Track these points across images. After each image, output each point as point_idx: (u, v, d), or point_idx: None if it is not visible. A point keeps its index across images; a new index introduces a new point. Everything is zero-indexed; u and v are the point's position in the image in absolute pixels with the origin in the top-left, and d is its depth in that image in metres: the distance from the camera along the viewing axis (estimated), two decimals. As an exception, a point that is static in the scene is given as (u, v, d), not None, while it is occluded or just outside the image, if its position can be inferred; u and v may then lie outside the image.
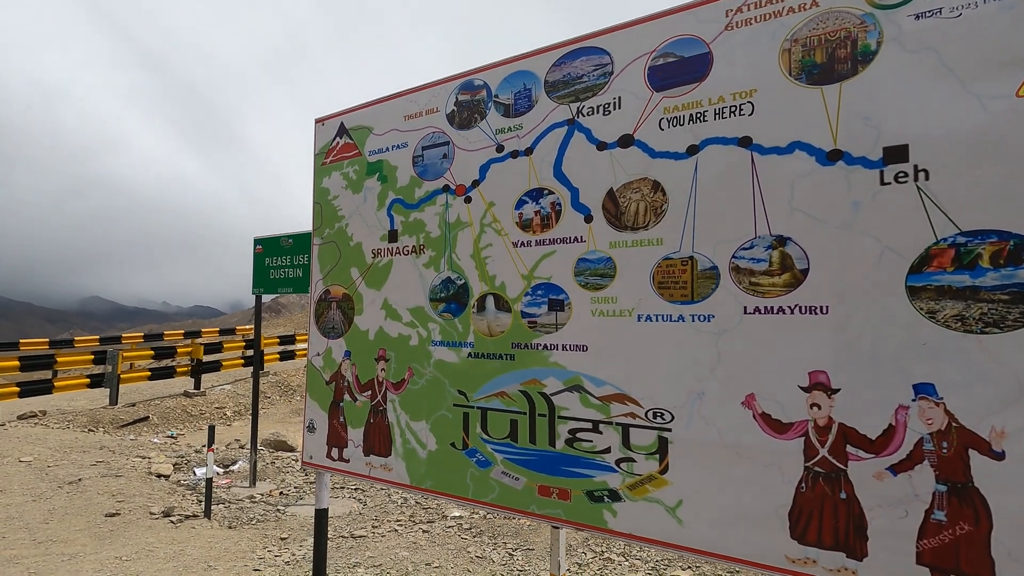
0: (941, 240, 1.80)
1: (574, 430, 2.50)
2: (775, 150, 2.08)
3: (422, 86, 3.14)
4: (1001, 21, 1.74)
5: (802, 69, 2.05)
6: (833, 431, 1.96)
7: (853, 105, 1.95)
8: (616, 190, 2.43)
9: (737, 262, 2.14)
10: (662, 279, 2.30)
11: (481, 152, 2.86)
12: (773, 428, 2.06)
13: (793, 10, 2.07)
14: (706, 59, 2.24)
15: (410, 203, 3.12)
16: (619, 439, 2.38)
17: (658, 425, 2.29)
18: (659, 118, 2.34)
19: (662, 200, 2.31)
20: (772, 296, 2.07)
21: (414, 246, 3.09)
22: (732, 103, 2.17)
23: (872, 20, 1.93)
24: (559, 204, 2.58)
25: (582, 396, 2.48)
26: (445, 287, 2.95)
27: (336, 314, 3.45)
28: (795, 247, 2.04)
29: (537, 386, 2.61)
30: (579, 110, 2.55)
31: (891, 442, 1.86)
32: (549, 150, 2.62)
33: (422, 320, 3.03)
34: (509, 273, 2.72)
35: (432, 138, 3.05)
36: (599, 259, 2.46)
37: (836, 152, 1.97)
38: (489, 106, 2.85)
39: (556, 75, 2.63)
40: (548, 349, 2.58)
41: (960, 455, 1.77)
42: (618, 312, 2.40)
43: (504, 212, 2.75)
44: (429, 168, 3.05)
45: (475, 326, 2.83)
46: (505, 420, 2.70)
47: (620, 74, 2.45)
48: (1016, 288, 1.70)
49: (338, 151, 3.51)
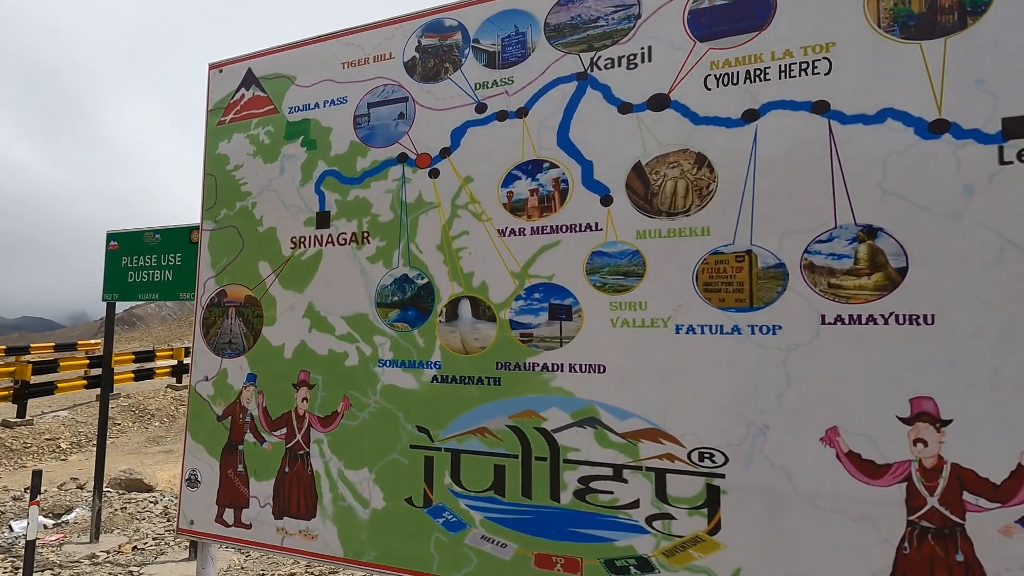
0: (1078, 233, 1.46)
1: (587, 478, 1.89)
2: (860, 118, 1.66)
3: (367, 25, 2.40)
4: None
5: (894, 20, 1.65)
6: (945, 474, 1.54)
7: (962, 66, 1.57)
8: (646, 164, 1.88)
9: (811, 259, 1.68)
10: (709, 279, 1.78)
11: (453, 112, 2.18)
12: (864, 471, 1.60)
13: (881, -53, 1.68)
14: (767, 3, 1.78)
15: (350, 177, 2.35)
16: (652, 489, 1.81)
17: (706, 470, 1.75)
18: (704, 74, 1.83)
19: (709, 178, 1.80)
20: (859, 302, 1.63)
21: (355, 234, 2.32)
22: (803, 58, 1.73)
23: (983, -36, 1.58)
24: (565, 181, 1.98)
25: (599, 433, 1.88)
26: (400, 288, 2.22)
27: (235, 323, 2.55)
28: (889, 240, 1.61)
29: (534, 419, 1.97)
30: (593, 61, 1.98)
31: (1021, 487, 1.48)
32: (551, 112, 2.02)
33: (365, 332, 2.26)
34: (493, 270, 2.07)
35: (383, 92, 2.32)
36: (622, 252, 1.89)
37: (941, 123, 1.58)
38: (466, 53, 2.19)
39: (561, 16, 2.05)
40: (549, 370, 1.96)
41: (1109, 501, 1.42)
42: (649, 322, 1.84)
43: (487, 190, 2.10)
44: (378, 131, 2.31)
45: (443, 340, 2.13)
46: (487, 466, 2.02)
47: (650, 18, 1.92)
48: None
49: (243, 106, 2.63)
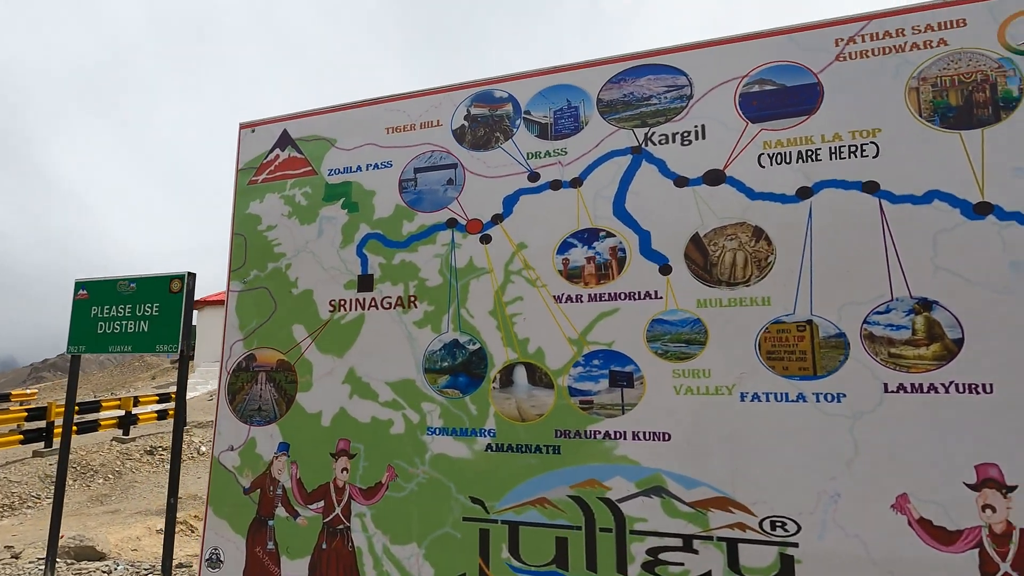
0: (1118, 309, 1.59)
1: (655, 549, 1.86)
2: (909, 199, 1.78)
3: (412, 93, 2.44)
4: None
5: (934, 111, 1.80)
6: (1015, 539, 1.60)
7: (999, 154, 1.73)
8: (704, 236, 1.96)
9: (871, 329, 1.76)
10: (772, 347, 1.84)
11: (505, 180, 2.22)
12: (937, 538, 1.65)
13: (917, 46, 1.85)
14: (814, 90, 1.92)
15: (395, 240, 2.34)
16: (724, 560, 1.80)
17: (779, 539, 1.76)
18: (758, 153, 1.94)
19: (767, 250, 1.89)
20: (919, 371, 1.71)
21: (400, 298, 2.29)
22: (851, 142, 1.86)
23: (1011, 65, 1.76)
24: (623, 250, 2.04)
25: (666, 502, 1.87)
26: (450, 353, 2.19)
27: (266, 389, 2.44)
28: (944, 312, 1.71)
29: (597, 489, 1.94)
30: (648, 137, 2.07)
31: (1089, 551, 1.55)
32: (607, 182, 2.09)
33: (412, 398, 2.21)
34: (550, 336, 2.07)
35: (431, 158, 2.35)
36: (683, 320, 1.94)
37: (984, 205, 1.72)
38: (517, 124, 2.25)
39: (614, 93, 2.14)
40: (612, 438, 1.95)
41: None
42: (713, 389, 1.88)
43: (541, 257, 2.13)
44: (426, 196, 2.33)
45: (498, 407, 2.10)
46: (548, 538, 1.97)
47: (702, 98, 2.03)
48: None
49: (278, 166, 2.60)
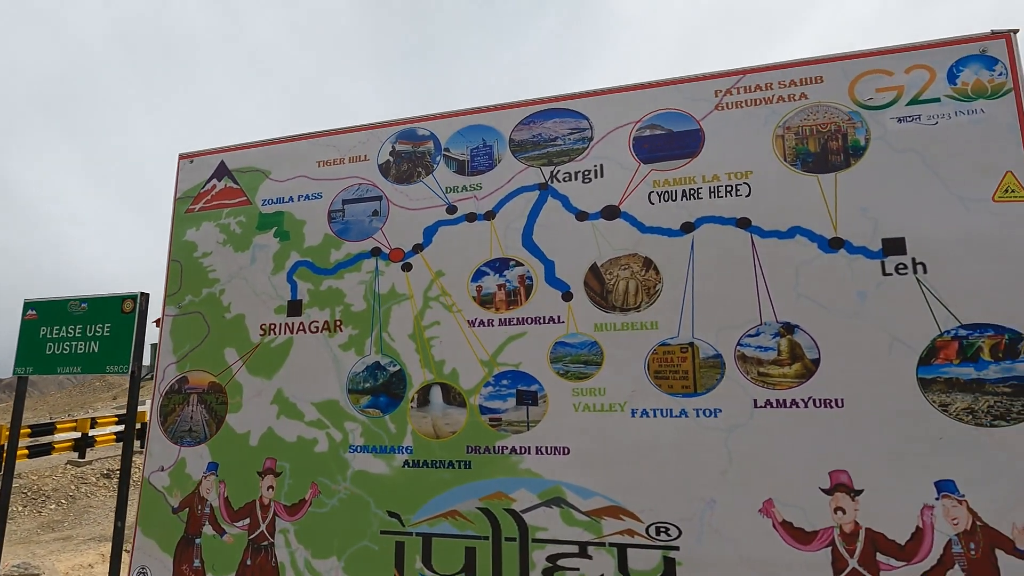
0: (945, 332, 1.82)
1: (555, 556, 2.01)
2: (776, 234, 2.00)
3: (342, 129, 2.60)
4: (971, 131, 1.90)
5: (797, 156, 2.04)
6: (861, 538, 1.80)
7: (850, 196, 1.96)
8: (601, 265, 2.15)
9: (743, 350, 1.97)
10: (659, 367, 2.03)
11: (426, 212, 2.39)
12: (797, 538, 1.84)
13: (783, 99, 2.09)
14: (697, 135, 2.14)
15: (323, 268, 2.47)
16: (615, 565, 1.95)
17: (663, 543, 1.93)
18: (648, 191, 2.15)
19: (655, 279, 2.08)
20: (784, 388, 1.92)
21: (327, 322, 2.42)
22: (728, 182, 2.08)
23: (858, 118, 2.01)
24: (530, 278, 2.21)
25: (564, 512, 2.02)
26: (372, 375, 2.32)
27: (197, 411, 2.53)
28: (804, 335, 1.93)
29: (503, 501, 2.09)
30: (554, 174, 2.26)
31: (921, 547, 1.75)
32: (517, 216, 2.27)
33: (335, 418, 2.33)
34: (463, 358, 2.22)
35: (358, 191, 2.50)
36: (582, 343, 2.11)
37: (837, 240, 1.95)
38: (437, 160, 2.43)
39: (524, 134, 2.34)
40: (518, 453, 2.10)
41: (988, 556, 1.71)
42: (608, 406, 2.05)
43: (457, 284, 2.29)
44: (353, 226, 2.47)
45: (415, 425, 2.23)
46: (458, 548, 2.10)
47: (601, 140, 2.24)
48: (1016, 381, 1.76)
49: (214, 196, 2.72)
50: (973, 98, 1.91)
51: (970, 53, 1.94)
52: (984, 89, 1.91)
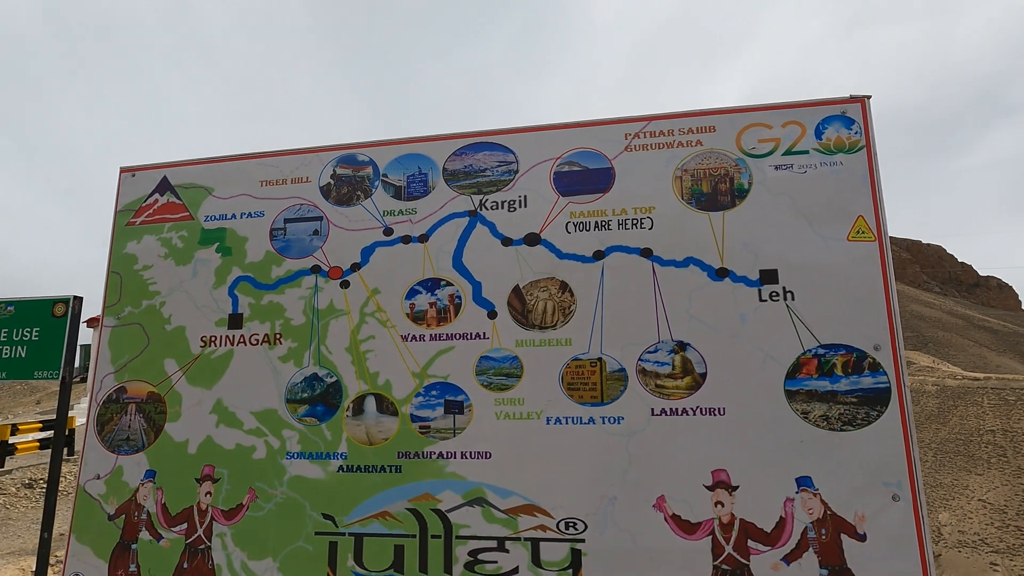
0: (807, 351, 2.15)
1: (476, 551, 2.22)
2: (673, 263, 2.29)
3: (285, 151, 2.74)
4: (832, 180, 2.25)
5: (692, 195, 2.34)
6: (736, 527, 2.10)
7: (735, 232, 2.27)
8: (523, 287, 2.38)
9: (643, 365, 2.24)
10: (571, 380, 2.28)
11: (364, 233, 2.56)
12: (683, 529, 2.12)
13: (682, 144, 2.38)
14: (609, 173, 2.41)
15: (264, 283, 2.60)
16: (528, 557, 2.18)
17: (571, 536, 2.17)
18: (566, 222, 2.40)
19: (570, 300, 2.34)
20: (676, 398, 2.20)
21: (267, 335, 2.55)
22: (634, 216, 2.36)
23: (743, 164, 2.32)
24: (459, 297, 2.42)
25: (485, 510, 2.24)
26: (309, 385, 2.47)
27: (135, 420, 2.60)
28: (695, 352, 2.22)
29: (430, 502, 2.28)
30: (482, 203, 2.48)
31: (783, 533, 2.06)
32: (448, 239, 2.48)
33: (274, 426, 2.46)
34: (396, 370, 2.41)
35: (299, 210, 2.64)
36: (504, 357, 2.34)
37: (724, 270, 2.25)
38: (376, 185, 2.60)
39: (456, 164, 2.55)
40: (444, 458, 2.31)
41: (835, 540, 2.04)
42: (525, 415, 2.28)
43: (392, 301, 2.47)
44: (293, 244, 2.61)
45: (349, 433, 2.40)
46: (387, 546, 2.28)
47: (525, 173, 2.48)
48: (861, 392, 2.10)
49: (156, 210, 2.79)
50: (834, 152, 2.26)
51: (833, 113, 2.29)
52: (843, 145, 2.26)
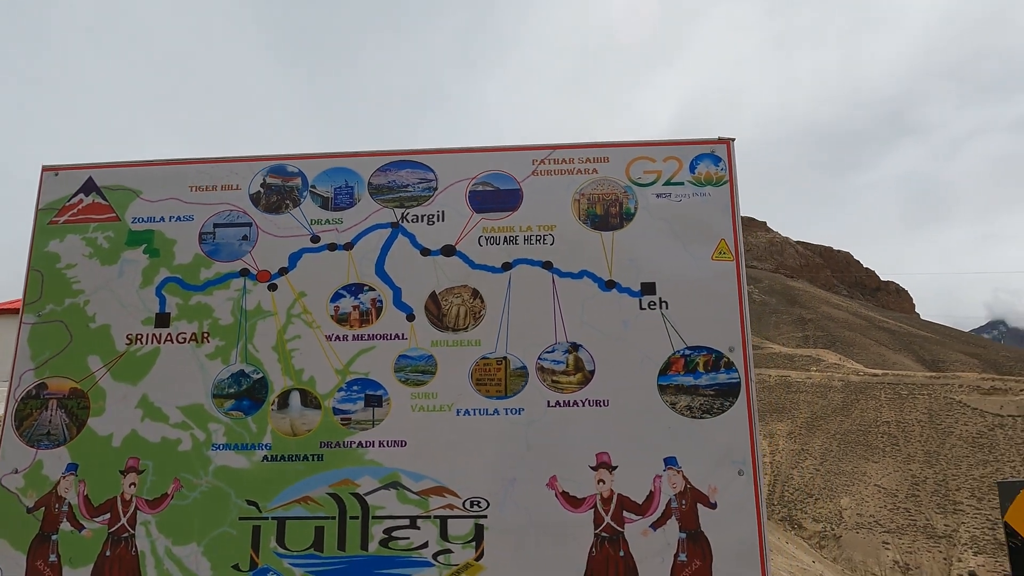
0: (676, 352, 2.56)
1: (390, 528, 2.48)
2: (570, 275, 2.65)
3: (215, 159, 2.87)
4: (702, 209, 2.68)
5: (588, 216, 2.70)
6: (614, 501, 2.47)
7: (622, 249, 2.65)
8: (439, 293, 2.66)
9: (542, 363, 2.58)
10: (480, 376, 2.58)
11: (292, 240, 2.75)
12: (571, 503, 2.48)
13: (581, 171, 2.74)
14: (518, 194, 2.73)
15: (192, 284, 2.73)
16: (437, 532, 2.47)
17: (475, 513, 2.48)
18: (478, 236, 2.70)
19: (480, 306, 2.64)
20: (569, 392, 2.56)
21: (195, 334, 2.69)
22: (538, 233, 2.69)
23: (631, 191, 2.71)
24: (380, 301, 2.66)
25: (400, 492, 2.50)
26: (236, 381, 2.64)
27: (55, 415, 2.66)
28: (585, 352, 2.58)
29: (350, 486, 2.52)
30: (404, 216, 2.74)
31: (652, 505, 2.46)
32: (371, 248, 2.71)
33: (199, 420, 2.61)
34: (320, 367, 2.62)
35: (229, 216, 2.79)
36: (420, 356, 2.61)
37: (612, 282, 2.63)
38: (304, 195, 2.80)
39: (381, 179, 2.79)
40: (363, 447, 2.55)
41: (692, 509, 2.46)
42: (438, 407, 2.56)
43: (317, 304, 2.68)
44: (222, 248, 2.76)
45: (274, 425, 2.59)
46: (308, 528, 2.50)
47: (444, 191, 2.76)
48: (718, 386, 2.53)
49: (81, 210, 2.85)
50: (704, 185, 2.69)
51: (705, 152, 2.72)
52: (712, 179, 2.70)
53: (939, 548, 37.54)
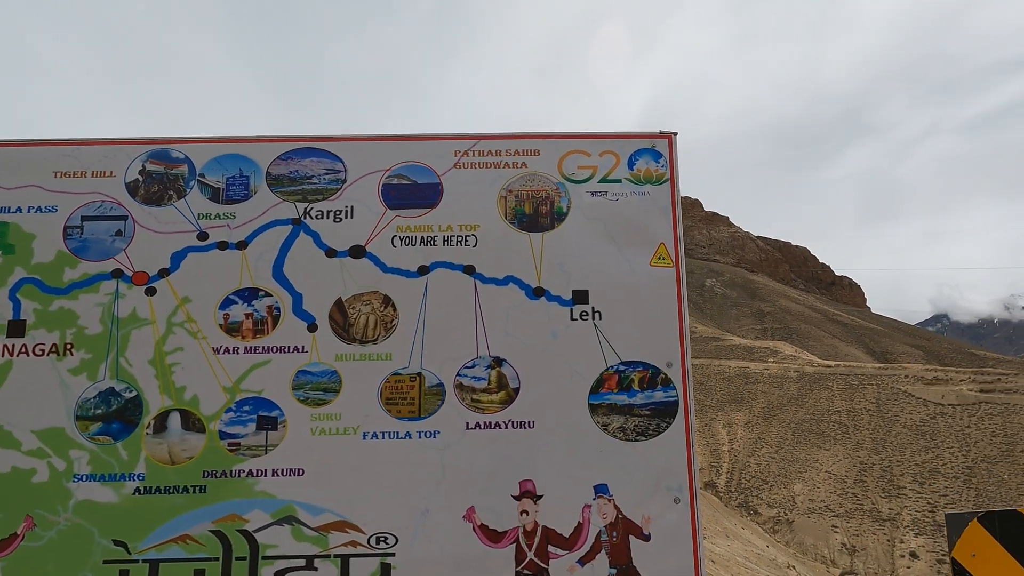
0: (610, 367, 2.32)
1: (283, 571, 2.17)
2: (494, 280, 2.36)
3: (87, 140, 2.47)
4: (640, 209, 2.43)
5: (515, 215, 2.42)
6: (538, 534, 2.22)
7: (552, 253, 2.39)
8: (346, 300, 2.34)
9: (461, 380, 2.30)
10: (390, 395, 2.28)
11: (175, 237, 2.38)
12: (490, 538, 2.21)
13: (508, 165, 2.46)
14: (437, 189, 2.43)
15: (54, 287, 2.33)
16: (337, 573, 2.17)
17: (381, 551, 2.19)
18: (392, 235, 2.39)
19: (393, 315, 2.33)
20: (490, 412, 2.28)
21: (55, 344, 2.30)
22: (459, 233, 2.39)
23: (564, 188, 2.44)
24: (278, 308, 2.33)
25: (295, 529, 2.19)
26: (104, 400, 2.26)
27: None
28: (509, 368, 2.31)
29: (237, 522, 2.19)
30: (307, 211, 2.40)
31: (580, 538, 2.22)
32: (268, 248, 2.37)
33: (59, 446, 2.23)
34: (205, 385, 2.27)
35: (100, 208, 2.40)
36: (323, 372, 2.29)
37: (540, 289, 2.36)
38: (191, 185, 2.42)
39: (281, 169, 2.44)
40: (254, 476, 2.22)
41: (624, 542, 2.23)
42: (342, 430, 2.26)
43: (204, 311, 2.32)
44: (91, 245, 2.37)
45: (149, 452, 2.23)
46: (187, 572, 2.16)
47: (353, 184, 2.43)
48: (654, 405, 2.30)
49: (-82, 197, 2.40)
50: (643, 183, 2.44)
51: (644, 146, 2.47)
52: (651, 176, 2.45)
53: (883, 531, 39.35)
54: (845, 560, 37.53)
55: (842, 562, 37.34)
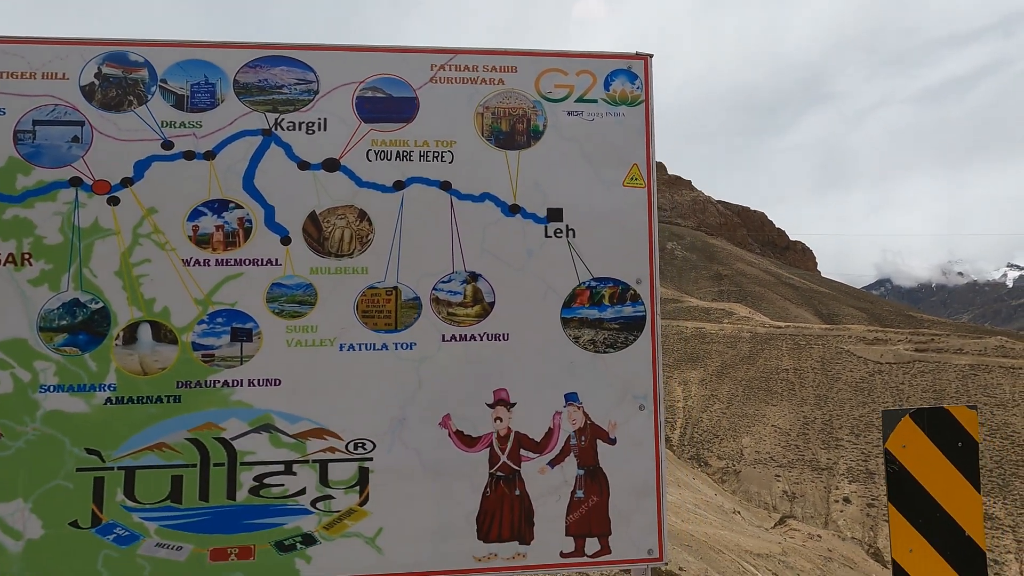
0: (582, 283, 2.40)
1: (261, 476, 2.21)
2: (470, 197, 2.38)
3: (35, 39, 2.31)
4: (615, 130, 2.46)
5: (492, 133, 2.42)
6: (511, 439, 2.33)
7: (528, 171, 2.41)
8: (320, 214, 2.32)
9: (437, 294, 2.33)
10: (367, 308, 2.30)
11: (138, 145, 2.28)
12: (465, 443, 2.30)
13: (485, 81, 2.44)
14: (413, 103, 2.40)
15: (7, 194, 2.22)
16: (316, 478, 2.23)
17: (359, 456, 2.25)
18: (367, 149, 2.36)
19: (368, 229, 2.33)
20: (466, 325, 2.34)
21: (12, 254, 2.20)
22: (435, 149, 2.38)
23: (540, 107, 2.45)
24: (249, 221, 2.29)
25: (273, 436, 2.22)
26: (69, 312, 2.20)
27: None
28: (485, 283, 2.36)
29: (213, 431, 2.21)
30: (278, 122, 2.34)
31: (551, 442, 2.34)
32: (238, 159, 2.31)
33: (23, 358, 2.17)
34: (176, 297, 2.24)
35: (53, 112, 2.27)
36: (297, 285, 2.29)
37: (516, 207, 2.39)
38: (152, 91, 2.32)
39: (250, 77, 2.35)
40: (229, 386, 2.23)
41: (592, 445, 2.36)
42: (318, 342, 2.27)
43: (171, 223, 2.26)
44: (45, 151, 2.25)
45: (119, 363, 2.20)
46: (164, 478, 2.18)
47: (326, 95, 2.37)
48: (623, 320, 2.40)
49: None
50: (619, 104, 2.47)
51: (620, 67, 2.49)
52: (627, 98, 2.48)
53: (821, 479, 42.25)
54: (785, 506, 40.28)
55: (783, 508, 40.07)
